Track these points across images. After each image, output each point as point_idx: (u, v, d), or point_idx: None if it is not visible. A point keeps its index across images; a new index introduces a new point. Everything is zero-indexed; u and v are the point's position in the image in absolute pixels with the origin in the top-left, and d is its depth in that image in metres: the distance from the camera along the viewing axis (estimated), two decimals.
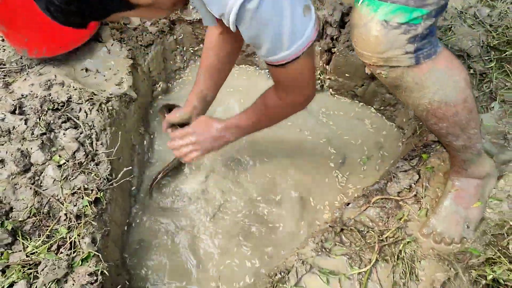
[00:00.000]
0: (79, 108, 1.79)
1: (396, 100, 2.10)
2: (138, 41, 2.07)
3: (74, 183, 1.61)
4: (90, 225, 1.53)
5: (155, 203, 1.94)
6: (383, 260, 1.49)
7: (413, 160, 1.73)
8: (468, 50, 1.99)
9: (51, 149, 1.67)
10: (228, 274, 1.75)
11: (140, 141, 2.03)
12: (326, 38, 2.15)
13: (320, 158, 2.08)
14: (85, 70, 1.96)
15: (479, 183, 1.52)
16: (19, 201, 1.55)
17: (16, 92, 1.80)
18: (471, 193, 1.53)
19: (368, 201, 1.63)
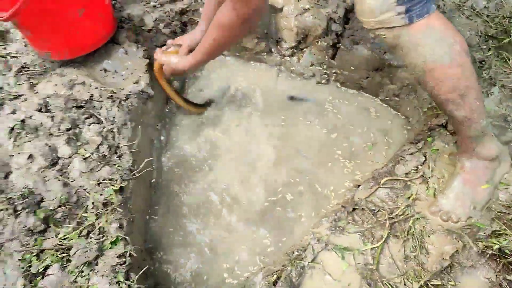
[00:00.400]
0: (100, 106, 1.89)
1: (400, 90, 2.19)
2: (153, 42, 2.18)
3: (100, 174, 1.70)
4: (117, 212, 1.62)
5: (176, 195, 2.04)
6: (394, 236, 1.58)
7: (419, 144, 1.82)
8: (467, 39, 2.08)
9: (77, 143, 1.77)
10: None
11: (157, 136, 2.14)
12: (331, 34, 2.26)
13: (328, 146, 2.17)
14: (104, 70, 2.06)
15: (488, 165, 1.60)
16: (49, 192, 1.64)
17: (41, 92, 1.90)
18: (479, 174, 1.60)
19: (378, 183, 1.72)
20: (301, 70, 2.38)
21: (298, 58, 2.39)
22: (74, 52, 1.97)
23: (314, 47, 2.33)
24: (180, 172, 2.10)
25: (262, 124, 2.25)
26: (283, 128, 2.24)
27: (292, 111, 2.30)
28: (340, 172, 2.07)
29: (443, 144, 1.78)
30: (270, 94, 2.37)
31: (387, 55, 2.12)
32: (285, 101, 2.34)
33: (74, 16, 1.84)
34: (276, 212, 1.97)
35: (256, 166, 2.12)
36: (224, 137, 2.22)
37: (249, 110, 2.30)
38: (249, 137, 2.21)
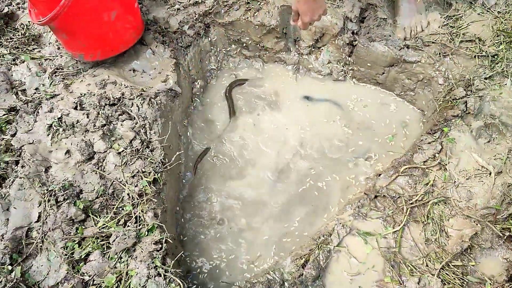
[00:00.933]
0: (132, 103, 2.00)
1: (415, 84, 2.28)
2: (178, 43, 2.29)
3: (134, 167, 1.81)
4: (151, 202, 1.73)
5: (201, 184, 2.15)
6: (415, 220, 1.66)
7: (436, 134, 1.90)
8: (480, 35, 2.17)
9: (111, 138, 1.87)
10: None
11: (185, 132, 2.24)
12: (347, 33, 2.35)
13: (350, 141, 2.28)
14: (133, 70, 2.18)
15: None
16: (87, 184, 1.75)
17: (75, 92, 2.02)
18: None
19: (397, 171, 1.80)
20: (319, 67, 2.48)
21: (315, 56, 2.48)
22: (106, 53, 2.08)
23: (331, 45, 2.42)
24: (208, 167, 2.21)
25: (283, 124, 2.37)
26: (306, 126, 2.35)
27: (312, 109, 2.41)
28: (362, 163, 2.18)
29: (459, 134, 1.86)
30: (289, 93, 2.48)
31: (402, 51, 2.21)
32: (303, 99, 2.44)
33: (107, 19, 1.95)
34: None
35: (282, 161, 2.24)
36: (248, 134, 2.33)
37: (267, 109, 2.41)
38: (273, 135, 2.32)
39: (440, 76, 2.14)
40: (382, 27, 2.28)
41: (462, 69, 2.11)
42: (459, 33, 2.21)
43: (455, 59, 2.14)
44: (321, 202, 2.07)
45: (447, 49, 2.16)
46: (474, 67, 2.10)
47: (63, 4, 1.75)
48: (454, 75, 2.11)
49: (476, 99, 1.93)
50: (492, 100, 1.94)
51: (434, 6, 2.35)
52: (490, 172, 1.73)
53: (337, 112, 2.38)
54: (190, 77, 2.36)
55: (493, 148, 1.82)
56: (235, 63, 2.60)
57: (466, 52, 2.13)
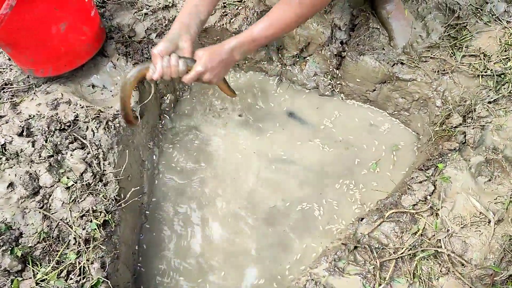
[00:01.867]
0: (86, 127, 1.77)
1: (410, 104, 2.02)
2: (144, 54, 2.04)
3: (83, 205, 1.60)
4: (99, 249, 1.52)
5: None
6: (399, 277, 1.44)
7: (429, 170, 1.67)
8: (485, 49, 1.90)
9: (59, 170, 1.66)
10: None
11: (149, 156, 2.01)
12: (335, 42, 2.09)
13: (333, 165, 2.04)
14: (92, 86, 1.94)
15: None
16: (29, 225, 1.54)
17: (24, 112, 1.79)
18: (399, 7, 1.99)
19: (382, 216, 1.58)
20: (304, 80, 2.22)
21: (300, 67, 2.23)
22: (59, 69, 1.84)
23: (318, 56, 2.16)
24: (173, 194, 1.99)
25: (261, 142, 2.13)
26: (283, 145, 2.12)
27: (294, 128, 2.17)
28: (344, 199, 1.95)
29: (455, 172, 1.62)
30: (270, 107, 2.23)
31: (395, 68, 1.95)
32: (285, 116, 2.20)
33: (56, 31, 1.71)
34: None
35: (253, 189, 2.01)
36: (220, 152, 2.10)
37: (246, 125, 2.17)
38: (246, 157, 2.10)
39: (438, 97, 1.89)
40: (374, 38, 2.01)
41: (463, 90, 1.85)
42: (461, 46, 1.94)
43: (456, 78, 1.88)
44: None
45: (446, 66, 1.90)
46: (476, 88, 1.84)
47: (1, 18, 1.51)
48: (454, 97, 1.85)
49: (477, 130, 1.68)
50: (496, 130, 1.69)
51: (435, 13, 2.07)
52: (490, 220, 1.49)
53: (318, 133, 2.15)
54: (157, 92, 2.12)
55: (494, 189, 1.58)
56: None
57: (468, 70, 1.87)
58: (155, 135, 2.09)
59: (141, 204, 1.90)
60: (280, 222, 1.92)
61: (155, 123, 2.11)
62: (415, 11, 2.08)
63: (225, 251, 1.86)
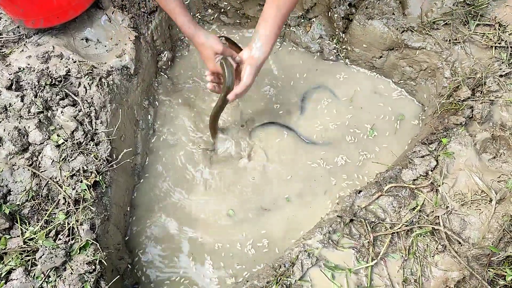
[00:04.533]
0: (78, 83, 1.70)
1: (417, 74, 1.94)
2: (141, 8, 1.93)
3: (73, 164, 1.55)
4: (89, 211, 1.48)
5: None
6: (394, 253, 1.41)
7: (432, 145, 1.61)
8: (501, 18, 1.80)
9: (49, 128, 1.60)
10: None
11: (144, 116, 1.95)
12: (343, 4, 1.98)
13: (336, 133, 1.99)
14: (85, 40, 1.85)
15: None
16: (17, 183, 1.50)
17: (13, 65, 1.71)
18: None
19: (381, 189, 1.53)
20: (308, 43, 2.12)
21: (305, 29, 2.12)
22: (50, 21, 1.74)
23: (324, 17, 2.06)
24: (168, 155, 1.94)
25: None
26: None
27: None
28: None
29: (459, 148, 1.56)
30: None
31: (404, 34, 1.85)
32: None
33: None
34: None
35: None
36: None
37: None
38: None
39: (447, 68, 1.80)
40: (384, 1, 1.90)
41: (474, 61, 1.76)
42: (476, 14, 1.83)
43: (467, 48, 1.79)
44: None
45: (459, 34, 1.80)
46: (489, 60, 1.75)
47: None
48: (464, 68, 1.77)
49: (485, 105, 1.61)
50: (506, 105, 1.62)
51: None
52: (491, 199, 1.45)
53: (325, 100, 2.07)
54: (155, 49, 2.02)
55: (498, 167, 1.52)
56: (213, 30, 2.24)
57: (482, 40, 1.77)
58: (150, 94, 2.01)
59: (134, 165, 1.85)
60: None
61: (151, 81, 2.03)
62: None
63: (220, 214, 1.83)
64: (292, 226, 1.79)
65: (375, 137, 1.96)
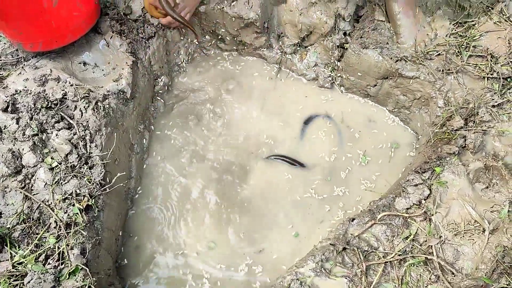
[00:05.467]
0: (74, 106, 1.71)
1: (411, 102, 1.96)
2: (139, 33, 1.96)
3: (66, 187, 1.54)
4: (80, 235, 1.47)
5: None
6: (387, 283, 1.40)
7: (425, 174, 1.61)
8: (493, 50, 1.83)
9: (43, 150, 1.60)
10: None
11: (140, 140, 1.95)
12: (338, 33, 2.02)
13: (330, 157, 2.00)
14: (83, 64, 1.87)
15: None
16: (9, 205, 1.49)
17: (10, 87, 1.72)
18: (411, 3, 1.92)
19: (374, 218, 1.53)
20: (303, 70, 2.15)
21: (300, 56, 2.15)
22: (50, 44, 1.76)
23: (319, 46, 2.09)
24: (162, 180, 1.94)
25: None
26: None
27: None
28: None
29: (453, 177, 1.56)
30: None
31: (398, 64, 1.87)
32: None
33: (48, 5, 1.63)
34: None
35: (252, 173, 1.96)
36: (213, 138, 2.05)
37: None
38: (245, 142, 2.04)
39: (441, 97, 1.82)
40: (379, 31, 1.93)
41: (467, 92, 1.78)
42: (469, 46, 1.87)
43: (460, 79, 1.82)
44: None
45: (452, 65, 1.83)
46: (481, 90, 1.78)
47: None
48: (457, 98, 1.79)
49: (478, 135, 1.62)
50: (498, 136, 1.64)
51: (444, 8, 1.99)
52: (484, 229, 1.45)
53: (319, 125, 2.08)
54: (152, 73, 2.04)
55: (491, 197, 1.53)
56: (210, 55, 2.27)
57: (474, 71, 1.80)
58: (146, 118, 2.02)
59: (127, 189, 1.84)
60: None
61: (147, 105, 2.04)
62: (424, 5, 2.00)
63: (213, 243, 1.81)
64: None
65: (369, 165, 1.97)
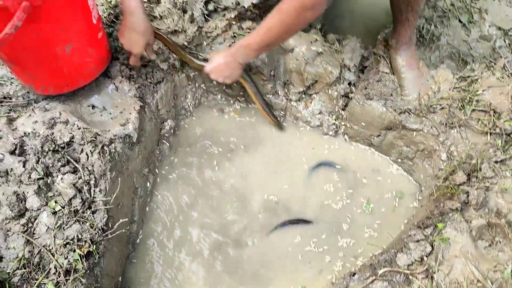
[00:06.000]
0: (81, 150, 1.73)
1: (414, 154, 1.97)
2: (148, 78, 2.00)
3: (68, 232, 1.55)
4: (79, 282, 1.46)
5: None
6: None
7: (427, 229, 1.60)
8: (495, 105, 1.85)
9: (48, 194, 1.61)
10: None
11: (143, 183, 1.97)
12: (343, 83, 2.05)
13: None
14: (92, 107, 1.90)
15: (413, 48, 1.99)
16: (10, 249, 1.50)
17: (19, 129, 1.75)
18: (415, 57, 1.99)
19: (375, 273, 1.51)
20: (308, 117, 2.18)
21: (305, 104, 2.18)
22: (61, 88, 1.81)
23: (324, 94, 2.12)
24: (165, 225, 1.94)
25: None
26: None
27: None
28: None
29: (455, 233, 1.56)
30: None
31: (402, 116, 1.90)
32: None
33: (61, 52, 1.68)
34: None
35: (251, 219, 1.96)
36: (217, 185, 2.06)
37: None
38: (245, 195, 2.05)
39: (444, 150, 1.84)
40: (383, 82, 1.97)
41: (470, 146, 1.79)
42: (471, 100, 1.89)
43: (463, 133, 1.83)
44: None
45: (455, 119, 1.85)
46: (484, 145, 1.79)
47: (3, 38, 1.47)
48: (460, 153, 1.80)
49: (481, 191, 1.62)
50: (501, 192, 1.63)
51: (447, 62, 2.04)
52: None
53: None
54: (158, 117, 2.07)
55: (494, 255, 1.51)
56: (216, 100, 2.31)
57: (477, 125, 1.82)
58: (151, 161, 2.05)
59: (129, 233, 1.84)
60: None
61: (153, 148, 2.07)
62: (428, 59, 2.04)
63: None
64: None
65: (372, 215, 1.96)
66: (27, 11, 1.45)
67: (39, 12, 1.49)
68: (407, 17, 1.86)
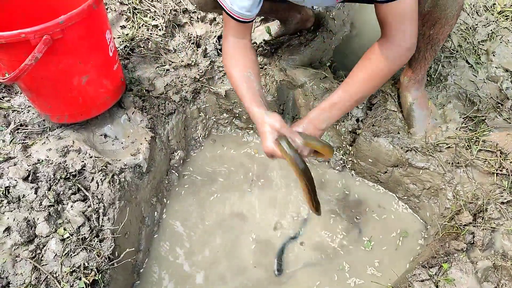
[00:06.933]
0: (92, 178, 1.77)
1: (420, 192, 1.98)
2: (160, 110, 2.06)
3: (75, 260, 1.57)
4: None
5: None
6: None
7: (432, 269, 1.60)
8: (502, 146, 1.86)
9: (57, 221, 1.64)
10: None
11: (151, 212, 1.99)
12: (351, 119, 2.08)
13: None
14: (104, 136, 1.95)
15: (423, 87, 2.03)
16: (17, 275, 1.52)
17: (33, 156, 1.80)
18: (425, 96, 2.01)
19: None
20: None
21: None
22: (75, 117, 1.87)
23: (332, 129, 2.15)
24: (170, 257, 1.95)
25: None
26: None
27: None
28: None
29: (461, 275, 1.55)
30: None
31: (409, 154, 1.92)
32: None
33: (77, 83, 1.74)
34: None
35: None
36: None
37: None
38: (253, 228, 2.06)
39: (450, 190, 1.84)
40: (390, 120, 2.00)
41: (476, 186, 1.80)
42: (478, 140, 1.90)
43: (469, 173, 1.84)
44: None
45: (461, 158, 1.86)
46: (490, 186, 1.79)
47: (23, 68, 1.54)
48: (466, 192, 1.80)
49: (487, 232, 1.62)
50: (507, 234, 1.63)
51: (454, 102, 2.06)
52: None
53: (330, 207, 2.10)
54: (169, 147, 2.12)
55: None
56: (226, 132, 2.35)
57: (483, 165, 1.83)
58: (159, 191, 2.07)
59: (135, 262, 1.86)
60: None
61: (162, 178, 2.10)
62: (435, 98, 2.07)
63: None
64: None
65: (375, 252, 1.95)
66: (48, 44, 1.52)
67: (58, 44, 1.56)
68: (425, 55, 1.85)
